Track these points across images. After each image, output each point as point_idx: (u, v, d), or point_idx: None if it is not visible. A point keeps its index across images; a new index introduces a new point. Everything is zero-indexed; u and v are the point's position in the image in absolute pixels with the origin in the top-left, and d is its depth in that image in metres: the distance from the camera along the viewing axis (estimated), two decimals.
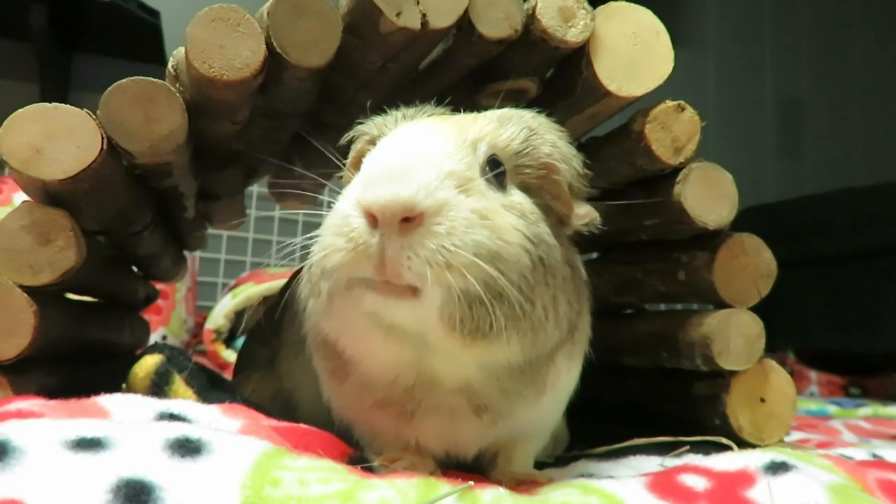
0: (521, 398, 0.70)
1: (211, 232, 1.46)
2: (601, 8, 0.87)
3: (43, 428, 0.52)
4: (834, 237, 2.82)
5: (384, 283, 0.58)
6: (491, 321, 0.59)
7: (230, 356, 2.20)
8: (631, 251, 1.10)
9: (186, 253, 1.51)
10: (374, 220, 0.57)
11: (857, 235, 2.74)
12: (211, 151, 0.96)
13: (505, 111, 0.72)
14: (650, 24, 0.88)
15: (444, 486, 0.54)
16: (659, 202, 0.92)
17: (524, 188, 0.69)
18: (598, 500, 0.59)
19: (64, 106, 0.73)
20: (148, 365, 0.93)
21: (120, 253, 1.05)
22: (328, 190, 0.80)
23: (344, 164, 0.77)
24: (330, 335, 0.68)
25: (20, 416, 0.60)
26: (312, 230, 0.65)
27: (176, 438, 0.53)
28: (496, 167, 0.67)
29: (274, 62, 0.78)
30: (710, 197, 0.90)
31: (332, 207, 0.64)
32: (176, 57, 0.82)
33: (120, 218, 0.90)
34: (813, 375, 2.91)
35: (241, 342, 2.09)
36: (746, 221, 1.06)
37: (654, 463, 0.83)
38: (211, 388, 0.94)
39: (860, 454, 0.94)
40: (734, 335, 0.91)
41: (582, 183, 0.72)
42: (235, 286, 2.43)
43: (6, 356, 0.72)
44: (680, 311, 1.02)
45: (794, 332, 2.94)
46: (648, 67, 0.87)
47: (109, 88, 0.74)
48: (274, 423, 0.71)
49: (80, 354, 0.98)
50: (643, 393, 1.13)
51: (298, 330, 0.81)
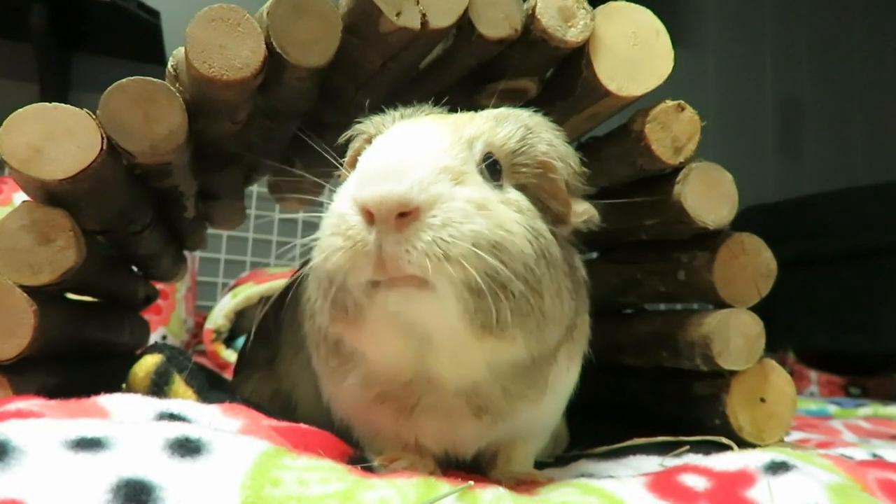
0: (522, 399, 0.69)
1: (211, 232, 1.46)
2: (601, 8, 0.87)
3: (43, 428, 0.52)
4: (834, 237, 2.81)
5: (393, 279, 0.58)
6: (497, 315, 0.59)
7: (230, 356, 2.20)
8: (631, 251, 1.10)
9: (186, 253, 1.51)
10: (370, 216, 0.57)
11: (857, 235, 2.74)
12: (211, 151, 0.96)
13: (501, 110, 0.72)
14: (650, 23, 0.88)
15: (443, 485, 0.54)
16: (659, 202, 0.92)
17: (521, 188, 0.69)
18: (597, 499, 0.59)
19: (64, 106, 0.73)
20: (148, 365, 0.93)
21: (120, 253, 1.05)
22: (327, 190, 0.80)
23: (342, 163, 0.77)
24: (335, 332, 0.68)
25: (20, 415, 0.60)
26: (312, 230, 0.65)
27: (176, 438, 0.53)
28: (492, 166, 0.66)
29: (274, 62, 0.78)
30: (710, 197, 0.90)
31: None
32: (176, 57, 0.82)
33: (120, 218, 0.90)
34: (813, 375, 2.90)
35: (241, 342, 2.09)
36: (746, 221, 1.06)
37: (654, 463, 0.83)
38: (211, 388, 0.95)
39: (860, 454, 0.94)
40: (734, 335, 0.91)
41: (579, 181, 0.72)
42: (235, 286, 2.43)
43: (6, 356, 0.72)
44: (680, 311, 1.02)
45: (794, 332, 2.94)
46: (648, 67, 0.87)
47: (109, 88, 0.74)
48: (274, 423, 0.71)
49: (79, 354, 0.98)
50: (643, 393, 1.13)
51: (298, 330, 0.81)
